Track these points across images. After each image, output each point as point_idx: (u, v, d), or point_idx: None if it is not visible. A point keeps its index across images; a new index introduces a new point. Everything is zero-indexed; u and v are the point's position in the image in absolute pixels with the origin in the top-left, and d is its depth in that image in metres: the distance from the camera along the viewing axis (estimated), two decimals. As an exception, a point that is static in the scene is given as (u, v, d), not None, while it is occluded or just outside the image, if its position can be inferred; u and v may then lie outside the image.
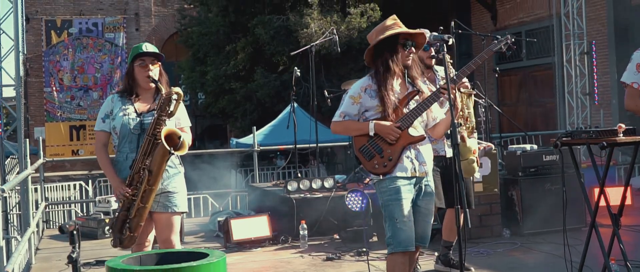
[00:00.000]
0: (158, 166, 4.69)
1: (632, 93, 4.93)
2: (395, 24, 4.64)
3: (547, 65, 15.60)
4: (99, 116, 4.96)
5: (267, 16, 17.28)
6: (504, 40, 4.87)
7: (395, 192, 4.54)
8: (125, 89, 4.99)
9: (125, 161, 4.86)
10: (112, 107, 4.91)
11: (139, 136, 4.83)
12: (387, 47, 4.60)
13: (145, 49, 4.93)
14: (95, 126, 5.01)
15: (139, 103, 4.92)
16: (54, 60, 22.94)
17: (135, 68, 4.92)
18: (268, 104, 17.50)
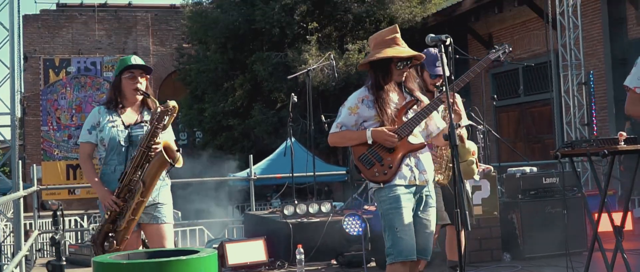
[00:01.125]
0: (152, 177, 4.62)
1: (634, 98, 4.85)
2: (393, 40, 4.60)
3: (545, 100, 15.57)
4: (84, 128, 4.88)
5: (266, 53, 17.34)
6: (502, 49, 4.83)
7: (394, 200, 4.45)
8: (111, 100, 4.92)
9: (112, 174, 4.78)
10: (99, 119, 4.83)
11: (127, 148, 4.78)
12: (380, 67, 4.57)
13: (134, 62, 4.90)
14: (80, 138, 4.92)
15: (125, 115, 4.87)
16: (52, 99, 22.94)
17: (123, 80, 4.87)
18: (266, 141, 17.46)
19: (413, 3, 17.29)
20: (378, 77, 4.56)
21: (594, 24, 14.15)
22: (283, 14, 16.73)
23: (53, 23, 23.38)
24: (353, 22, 17.45)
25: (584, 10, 13.05)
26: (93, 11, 23.46)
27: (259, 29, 17.28)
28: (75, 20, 23.51)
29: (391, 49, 4.57)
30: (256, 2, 17.01)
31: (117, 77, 4.94)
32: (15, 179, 7.58)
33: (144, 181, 4.59)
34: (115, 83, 4.96)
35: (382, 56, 4.53)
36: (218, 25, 17.83)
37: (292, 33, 17.04)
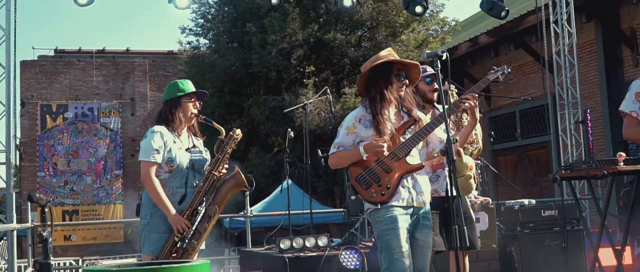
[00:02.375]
0: (223, 198, 4.79)
1: (631, 122, 4.87)
2: (389, 55, 4.60)
3: (542, 143, 15.55)
4: (149, 146, 4.74)
5: (263, 97, 17.38)
6: (500, 70, 4.82)
7: (391, 221, 4.38)
8: (170, 122, 4.87)
9: (172, 196, 4.77)
10: (165, 139, 4.79)
11: (187, 171, 4.78)
12: (381, 75, 4.54)
13: (191, 87, 4.98)
14: (143, 156, 4.77)
15: (182, 137, 4.89)
16: (49, 145, 22.90)
17: (183, 104, 4.88)
18: (263, 185, 17.38)
19: (410, 47, 17.40)
20: (380, 86, 4.51)
21: (590, 67, 14.20)
22: (280, 58, 16.81)
23: (51, 69, 23.47)
24: (350, 67, 17.53)
25: (580, 53, 13.10)
26: (91, 57, 23.57)
27: (256, 73, 17.35)
28: (73, 66, 23.61)
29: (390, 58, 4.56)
30: (253, 47, 17.09)
31: (176, 100, 4.90)
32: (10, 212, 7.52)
33: (218, 204, 4.69)
34: (174, 104, 4.90)
35: (383, 61, 4.51)
36: (215, 69, 17.90)
37: (289, 77, 17.10)
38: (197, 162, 4.80)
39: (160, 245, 4.69)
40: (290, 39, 16.65)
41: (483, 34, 15.89)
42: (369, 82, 4.59)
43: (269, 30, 16.79)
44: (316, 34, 16.90)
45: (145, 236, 4.76)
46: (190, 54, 19.40)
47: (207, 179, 4.70)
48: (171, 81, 5.15)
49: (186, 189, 4.74)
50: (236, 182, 4.64)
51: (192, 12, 18.93)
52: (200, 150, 4.94)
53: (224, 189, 4.67)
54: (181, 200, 4.71)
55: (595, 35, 14.05)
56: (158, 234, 4.74)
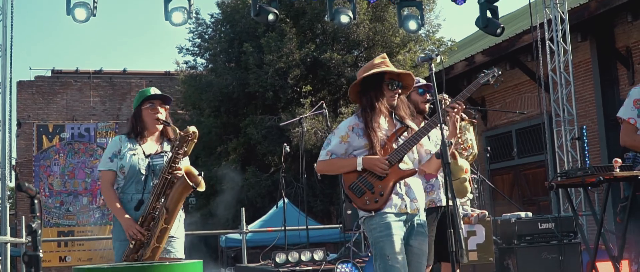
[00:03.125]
0: (175, 202, 4.62)
1: (629, 128, 4.88)
2: (383, 63, 4.59)
3: (539, 162, 15.55)
4: (104, 156, 4.88)
5: (259, 116, 17.37)
6: (491, 73, 4.81)
7: (385, 228, 4.36)
8: (132, 130, 4.93)
9: (129, 203, 4.76)
10: (120, 146, 4.85)
11: (146, 177, 4.76)
12: (372, 86, 4.54)
13: (153, 92, 4.93)
14: (100, 166, 4.89)
15: (146, 145, 4.88)
16: (45, 165, 22.84)
17: (143, 110, 4.89)
18: (259, 205, 17.33)
19: (406, 67, 17.42)
20: (370, 96, 4.52)
21: (585, 86, 14.24)
22: (277, 77, 16.83)
23: (47, 89, 23.47)
24: (346, 86, 17.54)
25: (575, 72, 13.13)
26: (88, 78, 23.58)
27: (252, 93, 17.36)
28: (70, 87, 23.62)
29: (381, 68, 4.56)
30: (250, 66, 17.12)
31: (137, 108, 4.95)
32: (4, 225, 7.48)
33: (167, 207, 4.57)
34: (136, 114, 4.97)
35: (373, 72, 4.51)
36: (212, 89, 17.92)
37: (285, 97, 17.12)
38: (159, 167, 4.76)
39: (121, 252, 4.67)
40: (287, 59, 16.68)
41: (479, 53, 15.95)
42: (361, 90, 4.60)
43: (266, 50, 16.83)
44: (313, 53, 16.95)
45: (113, 246, 4.80)
46: (187, 74, 19.42)
47: (160, 181, 4.65)
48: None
49: (143, 194, 4.71)
50: (184, 185, 4.56)
51: (189, 31, 19.01)
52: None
53: (174, 192, 4.60)
54: (139, 206, 4.68)
55: (590, 54, 14.10)
56: (119, 242, 4.75)
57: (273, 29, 17.07)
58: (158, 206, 4.61)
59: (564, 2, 12.04)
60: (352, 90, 4.64)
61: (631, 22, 12.92)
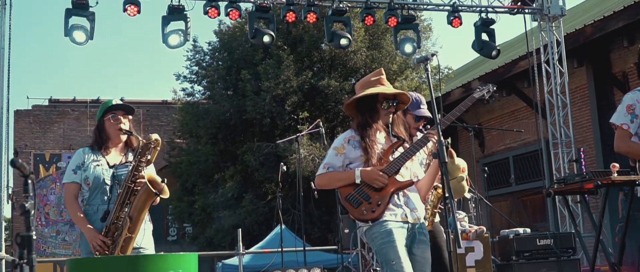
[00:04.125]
0: (139, 211, 4.55)
1: (622, 134, 4.87)
2: (378, 81, 4.62)
3: (536, 188, 15.52)
4: (69, 168, 4.88)
5: (257, 143, 17.34)
6: (486, 88, 4.81)
7: (387, 234, 4.33)
8: (96, 142, 4.93)
9: (95, 214, 4.72)
10: (83, 159, 4.84)
11: (111, 188, 4.73)
12: (367, 107, 4.57)
13: (116, 103, 4.93)
14: (64, 178, 4.88)
15: (110, 156, 4.86)
16: (41, 195, 22.74)
17: (106, 122, 4.89)
18: (256, 232, 17.23)
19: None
20: (365, 116, 4.54)
21: (582, 111, 14.26)
22: (274, 104, 16.84)
23: (45, 118, 23.45)
24: (343, 113, 17.55)
25: (572, 97, 13.18)
26: (85, 107, 23.56)
27: (250, 120, 17.35)
28: (67, 116, 23.60)
29: (376, 88, 4.58)
30: (247, 93, 17.14)
31: (100, 120, 4.95)
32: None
33: (131, 216, 4.51)
34: (98, 125, 4.97)
35: (367, 93, 4.53)
36: (209, 116, 17.92)
37: (283, 123, 17.10)
38: (123, 177, 4.72)
39: None
40: (284, 86, 16.70)
41: (475, 79, 16.00)
42: (357, 107, 4.62)
43: (263, 77, 16.86)
44: (310, 80, 16.98)
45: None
46: (184, 102, 19.44)
47: (123, 190, 4.62)
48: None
49: (109, 205, 4.67)
50: (147, 192, 4.52)
51: (187, 59, 19.04)
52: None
53: (137, 200, 4.56)
54: (105, 216, 4.64)
55: (587, 79, 14.15)
56: (86, 254, 4.70)
57: (270, 56, 17.12)
58: (122, 215, 4.57)
59: (560, 26, 12.11)
60: (347, 106, 4.67)
61: (627, 47, 12.98)
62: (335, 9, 10.79)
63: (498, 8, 11.61)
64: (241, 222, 17.30)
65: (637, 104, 5.02)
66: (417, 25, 11.29)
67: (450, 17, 11.07)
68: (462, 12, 11.26)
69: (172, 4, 10.40)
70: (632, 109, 5.00)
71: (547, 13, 11.63)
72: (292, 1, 10.66)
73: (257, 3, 10.60)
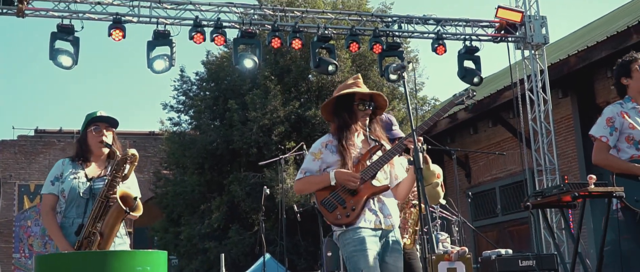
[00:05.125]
0: (111, 228, 4.51)
1: (601, 146, 4.90)
2: (355, 83, 4.65)
3: (522, 219, 15.52)
4: (47, 179, 4.86)
5: (243, 173, 17.28)
6: (465, 94, 4.83)
7: (359, 242, 4.33)
8: (77, 154, 4.91)
9: (70, 227, 4.68)
10: (62, 170, 4.82)
11: (87, 201, 4.70)
12: (344, 107, 4.58)
13: (99, 114, 4.89)
14: (43, 189, 4.85)
15: (89, 169, 4.83)
16: (25, 226, 22.55)
17: (88, 134, 4.86)
18: (242, 263, 17.10)
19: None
20: (343, 117, 4.55)
21: (567, 141, 14.31)
22: (261, 134, 16.81)
23: (30, 149, 23.34)
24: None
25: (557, 128, 13.24)
26: (72, 137, 23.44)
27: (236, 150, 17.31)
28: (53, 147, 23.50)
29: (352, 89, 4.60)
30: (234, 123, 17.12)
31: (83, 132, 4.92)
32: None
33: (101, 232, 4.47)
34: (81, 137, 4.94)
35: (343, 93, 4.55)
36: (196, 146, 17.88)
37: (269, 154, 17.04)
38: (98, 191, 4.68)
39: None
40: (271, 116, 16.71)
41: (461, 110, 16.06)
42: (334, 111, 4.64)
43: (251, 106, 16.87)
44: (297, 111, 17.00)
45: None
46: (171, 132, 19.39)
47: (96, 205, 4.58)
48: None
49: (84, 219, 4.63)
50: (118, 209, 4.49)
51: (174, 89, 19.04)
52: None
53: (109, 216, 4.52)
54: (79, 230, 4.60)
55: (571, 110, 14.22)
56: None
57: (258, 86, 17.16)
58: (95, 231, 4.53)
59: (543, 55, 12.21)
60: (324, 109, 4.68)
61: (611, 77, 13.04)
62: (321, 36, 10.85)
63: (482, 36, 11.70)
64: (227, 253, 17.18)
65: (617, 117, 5.05)
66: (402, 52, 11.35)
67: (435, 44, 11.15)
68: (446, 39, 11.34)
69: (158, 29, 10.42)
70: (612, 122, 5.03)
71: (530, 41, 11.73)
72: (277, 27, 10.72)
73: (242, 29, 10.64)
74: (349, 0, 17.48)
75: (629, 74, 5.20)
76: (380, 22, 11.25)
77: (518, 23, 11.72)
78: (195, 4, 10.67)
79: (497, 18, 11.65)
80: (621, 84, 5.26)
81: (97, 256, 2.95)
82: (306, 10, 11.74)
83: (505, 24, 11.70)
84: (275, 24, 10.74)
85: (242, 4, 10.89)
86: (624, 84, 5.24)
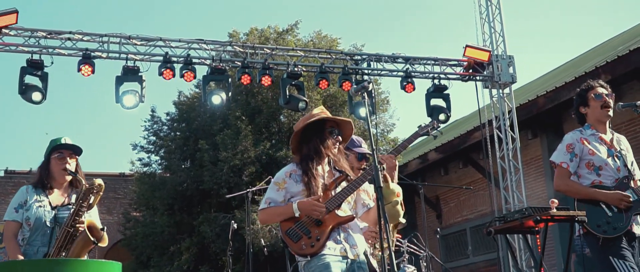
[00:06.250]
0: (76, 257, 4.45)
1: (562, 172, 4.96)
2: (322, 112, 4.66)
3: (493, 260, 15.52)
4: (10, 206, 4.81)
5: (213, 214, 17.15)
6: (430, 125, 4.87)
7: (324, 268, 4.29)
8: (39, 181, 4.87)
9: (35, 255, 4.62)
10: (26, 197, 4.78)
11: (52, 229, 4.66)
12: (315, 133, 4.58)
13: (64, 141, 4.88)
14: (5, 216, 4.79)
15: (53, 196, 4.80)
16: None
17: (51, 160, 4.85)
18: (212, 305, 16.91)
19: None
20: (314, 142, 4.53)
21: (537, 182, 14.40)
22: (231, 174, 16.73)
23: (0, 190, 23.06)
24: (301, 185, 17.52)
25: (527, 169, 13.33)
26: (41, 179, 23.23)
27: (206, 190, 17.20)
28: (23, 187, 23.22)
29: (323, 115, 4.61)
30: (205, 163, 17.04)
31: (46, 158, 4.89)
32: None
33: None
34: (43, 163, 4.91)
35: (316, 119, 4.55)
36: (166, 186, 17.74)
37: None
38: (63, 219, 4.65)
39: None
40: (242, 156, 16.65)
41: (432, 150, 16.16)
42: (302, 140, 4.63)
43: (221, 147, 16.81)
44: (268, 151, 16.96)
45: None
46: (141, 172, 19.24)
47: (61, 234, 4.54)
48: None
49: (49, 247, 4.59)
50: (85, 239, 4.45)
51: (145, 129, 18.94)
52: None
53: (75, 246, 4.48)
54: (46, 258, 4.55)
55: (541, 150, 14.34)
56: None
57: (229, 127, 17.12)
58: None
59: (511, 93, 12.34)
60: (293, 141, 4.67)
61: (576, 114, 13.20)
62: (290, 73, 10.89)
63: (450, 75, 11.82)
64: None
65: (576, 143, 5.12)
66: (371, 91, 11.42)
67: (404, 82, 11.23)
68: (415, 78, 11.43)
69: (127, 65, 10.40)
70: (572, 148, 5.09)
71: (498, 80, 11.86)
72: (247, 64, 10.75)
73: (212, 65, 10.66)
74: (320, 42, 17.63)
75: (586, 103, 5.30)
76: (350, 60, 11.33)
77: (485, 62, 11.86)
78: (165, 40, 10.68)
79: (465, 57, 11.78)
80: (580, 112, 5.35)
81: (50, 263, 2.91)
82: (276, 47, 11.80)
83: (473, 63, 11.83)
84: (245, 60, 10.77)
85: (212, 40, 10.92)
86: (582, 112, 5.33)
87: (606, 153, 5.09)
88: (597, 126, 5.24)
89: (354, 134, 4.89)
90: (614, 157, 5.08)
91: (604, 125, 5.26)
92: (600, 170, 5.04)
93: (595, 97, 5.24)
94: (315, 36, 18.09)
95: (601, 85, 5.29)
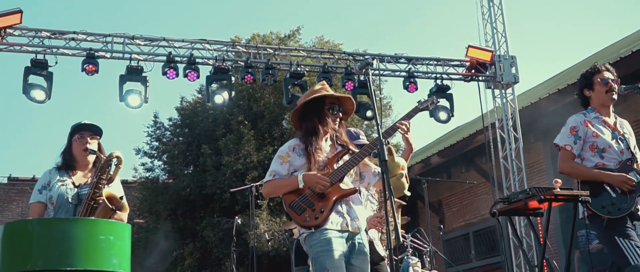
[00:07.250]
0: None
1: (566, 155, 4.97)
2: (323, 88, 4.70)
3: (496, 264, 15.50)
4: (35, 189, 4.89)
5: (216, 218, 17.17)
6: (429, 100, 4.88)
7: (326, 243, 4.33)
8: (63, 163, 4.93)
9: None
10: (49, 179, 4.86)
11: (75, 207, 4.72)
12: (315, 111, 4.62)
13: (84, 123, 4.94)
14: (31, 199, 4.86)
15: (76, 177, 4.87)
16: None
17: (73, 142, 4.90)
18: (215, 310, 16.90)
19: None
20: (312, 121, 4.57)
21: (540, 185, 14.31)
22: (234, 179, 16.77)
23: (3, 196, 23.09)
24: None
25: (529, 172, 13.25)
26: (44, 186, 23.28)
27: (209, 195, 17.24)
28: (26, 194, 23.21)
29: (322, 93, 4.64)
30: (208, 168, 17.09)
31: (68, 141, 4.95)
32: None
33: None
34: (66, 147, 4.96)
35: (315, 96, 4.59)
36: (169, 191, 17.78)
37: (243, 199, 17.02)
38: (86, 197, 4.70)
39: None
40: (244, 161, 16.69)
41: (435, 154, 16.14)
42: (302, 116, 4.67)
43: (224, 151, 16.85)
44: (271, 156, 16.98)
45: None
46: (144, 178, 19.27)
47: (83, 208, 4.58)
48: None
49: None
50: (104, 209, 4.49)
51: (147, 135, 18.98)
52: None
53: (96, 216, 4.50)
54: None
55: (543, 154, 14.33)
56: None
57: (231, 132, 17.17)
58: None
59: (513, 93, 12.36)
60: (294, 117, 4.71)
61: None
62: (293, 72, 10.92)
63: (453, 75, 11.84)
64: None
65: (580, 126, 5.13)
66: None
67: (406, 82, 11.25)
68: (418, 78, 11.46)
69: (131, 65, 10.43)
70: (576, 131, 5.11)
71: (500, 80, 11.89)
72: (250, 64, 10.78)
73: (215, 65, 10.69)
74: (322, 47, 17.69)
75: (591, 86, 5.31)
76: (353, 61, 11.36)
77: (488, 62, 11.89)
78: (169, 40, 10.72)
79: (468, 57, 11.81)
80: (584, 95, 5.36)
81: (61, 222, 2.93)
82: (279, 47, 11.84)
83: (475, 63, 11.86)
84: (248, 60, 10.81)
85: (215, 40, 10.95)
86: (586, 95, 5.35)
87: (610, 136, 5.11)
88: (601, 109, 5.26)
89: (353, 127, 4.92)
90: (617, 140, 5.10)
91: (608, 108, 5.28)
92: (603, 152, 5.06)
93: (601, 81, 5.25)
94: (317, 41, 18.16)
95: (607, 69, 5.30)
